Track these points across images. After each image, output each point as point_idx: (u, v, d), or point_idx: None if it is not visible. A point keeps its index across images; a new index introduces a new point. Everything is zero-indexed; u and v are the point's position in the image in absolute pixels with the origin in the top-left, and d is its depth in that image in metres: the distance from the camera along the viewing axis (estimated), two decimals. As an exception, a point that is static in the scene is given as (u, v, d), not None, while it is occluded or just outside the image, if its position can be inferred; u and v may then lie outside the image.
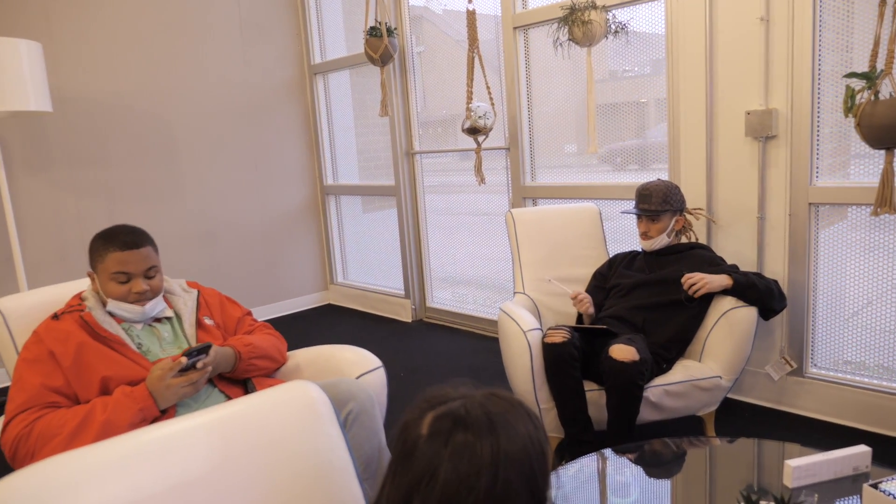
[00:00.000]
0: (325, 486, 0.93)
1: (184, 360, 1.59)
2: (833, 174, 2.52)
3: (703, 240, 2.78)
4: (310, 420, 0.96)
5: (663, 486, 1.62)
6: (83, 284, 1.90)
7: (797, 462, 1.47)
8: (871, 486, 1.36)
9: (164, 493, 0.83)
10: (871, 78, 1.99)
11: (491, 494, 0.73)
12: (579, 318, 2.65)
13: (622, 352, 2.10)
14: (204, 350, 1.64)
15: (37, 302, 1.84)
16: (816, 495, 1.44)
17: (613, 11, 2.87)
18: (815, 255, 2.58)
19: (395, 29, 3.86)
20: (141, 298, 1.71)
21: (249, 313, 2.04)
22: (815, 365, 2.66)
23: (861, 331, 2.54)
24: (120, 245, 1.70)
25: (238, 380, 1.83)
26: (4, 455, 1.52)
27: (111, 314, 1.72)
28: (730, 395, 2.83)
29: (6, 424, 1.52)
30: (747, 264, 2.68)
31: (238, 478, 0.89)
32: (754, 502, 1.26)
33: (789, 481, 1.47)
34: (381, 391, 1.89)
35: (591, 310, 2.54)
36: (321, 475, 0.93)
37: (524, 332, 2.17)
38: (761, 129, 2.54)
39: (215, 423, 0.92)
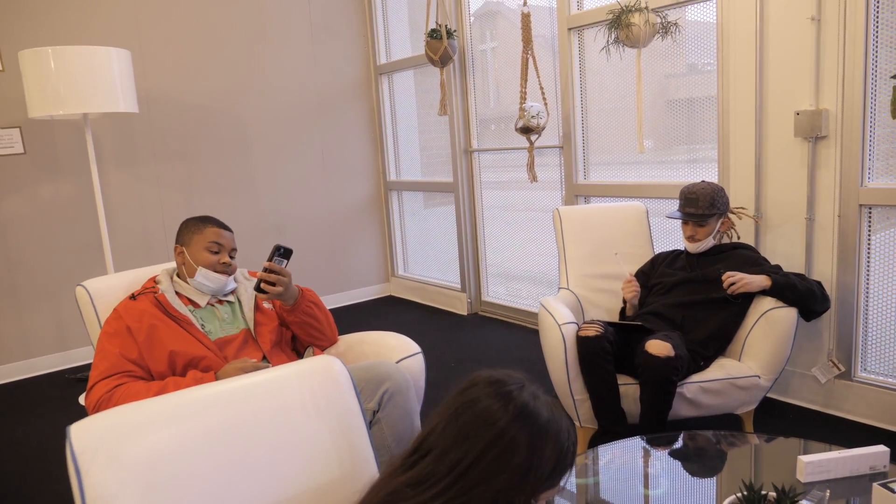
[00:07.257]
0: (341, 444, 1.09)
1: (263, 364, 1.81)
2: (889, 175, 2.47)
3: (750, 240, 2.77)
4: (332, 388, 1.11)
5: (693, 478, 1.66)
6: (158, 270, 2.13)
7: (810, 458, 1.50)
8: (882, 485, 1.39)
9: (206, 441, 1.00)
10: (918, 79, 1.97)
11: (501, 436, 0.94)
12: (622, 315, 2.71)
13: (658, 347, 2.15)
14: (288, 254, 1.95)
15: (118, 284, 2.08)
16: (828, 491, 1.47)
17: (665, 12, 2.89)
18: (867, 257, 2.54)
19: (455, 31, 3.98)
20: (225, 270, 2.00)
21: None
22: (865, 369, 2.62)
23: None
24: (218, 224, 2.04)
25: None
26: (88, 415, 1.76)
27: (180, 294, 1.95)
28: (774, 396, 2.82)
29: (90, 388, 1.75)
30: (795, 265, 2.66)
31: (268, 432, 1.05)
32: (755, 490, 1.32)
33: (802, 476, 1.51)
34: (419, 376, 2.02)
35: (636, 300, 2.60)
36: (338, 435, 1.09)
37: (559, 326, 2.26)
38: (811, 130, 2.52)
39: (252, 385, 1.08)
